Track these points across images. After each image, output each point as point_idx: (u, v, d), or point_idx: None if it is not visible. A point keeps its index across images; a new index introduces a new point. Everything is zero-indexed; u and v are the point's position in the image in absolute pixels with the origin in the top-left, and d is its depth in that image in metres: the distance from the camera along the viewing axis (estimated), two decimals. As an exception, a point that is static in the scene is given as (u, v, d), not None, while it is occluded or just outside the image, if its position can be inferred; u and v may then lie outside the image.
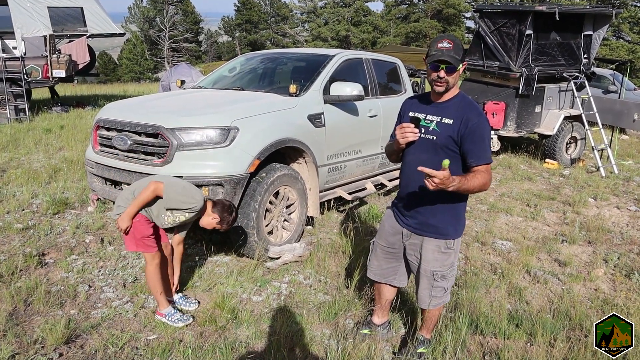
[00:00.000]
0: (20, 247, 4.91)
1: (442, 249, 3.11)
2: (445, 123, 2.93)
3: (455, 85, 2.99)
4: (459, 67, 2.85)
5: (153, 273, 3.61)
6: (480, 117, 2.91)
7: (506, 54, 9.60)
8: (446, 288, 3.23)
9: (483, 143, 2.88)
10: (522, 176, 9.23)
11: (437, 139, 2.94)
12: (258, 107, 4.76)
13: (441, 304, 3.31)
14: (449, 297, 3.34)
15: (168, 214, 3.53)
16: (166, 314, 3.67)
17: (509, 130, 9.95)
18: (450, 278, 3.23)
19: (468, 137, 2.86)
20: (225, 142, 4.32)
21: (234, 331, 3.58)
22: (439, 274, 3.15)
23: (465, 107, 2.94)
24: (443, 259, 3.13)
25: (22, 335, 3.40)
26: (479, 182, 2.83)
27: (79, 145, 9.69)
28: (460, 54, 2.85)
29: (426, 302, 3.26)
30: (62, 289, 4.09)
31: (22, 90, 12.66)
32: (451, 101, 2.98)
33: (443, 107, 2.98)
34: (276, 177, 4.62)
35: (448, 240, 3.10)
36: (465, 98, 3.02)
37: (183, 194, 3.48)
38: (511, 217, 6.89)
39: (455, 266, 3.24)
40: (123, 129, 4.57)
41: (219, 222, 3.66)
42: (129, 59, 52.77)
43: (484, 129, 2.89)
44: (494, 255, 5.44)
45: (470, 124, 2.86)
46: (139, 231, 3.53)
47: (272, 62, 6.46)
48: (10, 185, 6.92)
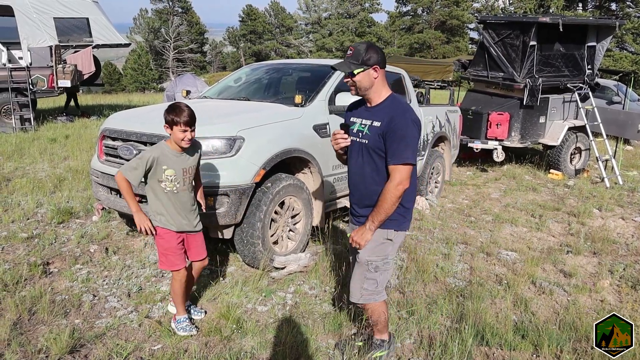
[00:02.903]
0: (25, 256, 4.91)
1: (381, 238, 3.08)
2: (375, 126, 3.01)
3: (384, 88, 3.06)
4: (356, 71, 2.96)
5: (178, 287, 3.63)
6: (403, 116, 2.92)
7: (510, 65, 9.63)
8: (378, 282, 3.18)
9: (402, 142, 2.88)
10: (527, 187, 9.22)
11: (368, 142, 3.03)
12: (264, 117, 4.78)
13: (373, 301, 3.23)
14: (383, 296, 3.27)
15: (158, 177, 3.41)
16: (177, 320, 3.68)
17: (514, 140, 9.95)
18: (384, 272, 3.18)
19: (388, 136, 2.91)
20: (231, 152, 4.33)
21: (239, 341, 3.56)
22: (373, 263, 3.13)
23: (393, 108, 2.98)
24: (379, 249, 3.11)
25: (26, 344, 3.40)
26: (388, 196, 2.90)
27: (84, 154, 9.72)
28: (359, 59, 2.96)
29: (357, 295, 3.21)
30: (67, 299, 4.09)
31: (27, 100, 12.72)
32: (382, 104, 3.05)
33: (375, 111, 3.06)
34: (281, 187, 4.62)
35: (389, 230, 3.08)
36: (395, 100, 3.06)
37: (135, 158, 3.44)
38: (516, 227, 6.87)
39: (390, 261, 3.19)
40: (129, 138, 4.59)
41: (177, 124, 3.32)
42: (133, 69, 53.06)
43: (405, 128, 2.89)
44: (499, 266, 5.42)
45: (392, 124, 2.91)
46: (161, 244, 3.53)
47: (277, 72, 6.48)
48: (15, 195, 6.94)
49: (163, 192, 3.44)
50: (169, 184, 3.42)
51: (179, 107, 3.36)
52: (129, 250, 5.23)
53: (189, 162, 3.51)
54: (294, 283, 4.58)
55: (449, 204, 8.00)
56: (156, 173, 3.39)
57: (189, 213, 3.57)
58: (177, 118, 3.31)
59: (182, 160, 3.47)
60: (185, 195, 3.52)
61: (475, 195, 8.69)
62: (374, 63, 2.97)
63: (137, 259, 4.97)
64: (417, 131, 2.96)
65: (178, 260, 3.56)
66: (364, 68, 2.97)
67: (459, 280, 4.95)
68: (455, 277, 4.99)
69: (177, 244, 3.55)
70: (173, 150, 3.42)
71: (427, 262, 5.06)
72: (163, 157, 3.37)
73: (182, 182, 3.48)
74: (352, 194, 3.30)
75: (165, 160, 3.38)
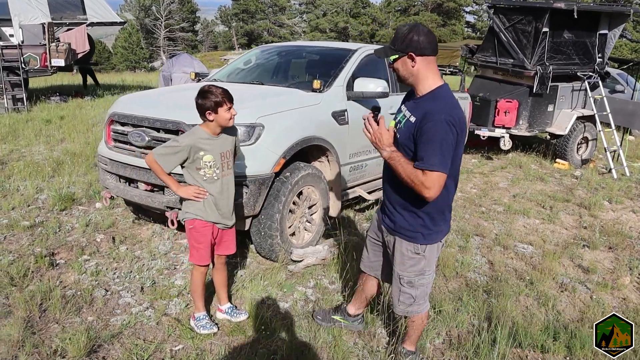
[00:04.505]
0: (29, 246, 4.69)
1: (410, 252, 2.88)
2: (410, 121, 2.68)
3: (429, 78, 2.67)
4: (393, 57, 2.69)
5: (200, 282, 3.47)
6: (437, 116, 2.53)
7: (521, 51, 9.41)
8: (415, 297, 2.97)
9: (428, 146, 2.52)
10: (534, 176, 9.09)
11: (400, 136, 2.73)
12: (282, 103, 4.56)
13: (412, 313, 3.05)
14: (423, 308, 3.06)
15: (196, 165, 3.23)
16: (197, 318, 3.51)
17: (521, 129, 9.78)
18: (420, 287, 2.96)
19: (417, 137, 2.58)
20: (250, 140, 4.11)
21: (264, 342, 3.38)
22: (405, 279, 2.94)
23: (429, 106, 2.61)
24: (410, 263, 2.90)
25: (41, 345, 3.19)
26: (408, 176, 2.57)
27: (80, 137, 9.44)
28: (396, 43, 2.66)
29: (397, 306, 3.07)
30: (78, 294, 3.87)
31: (19, 80, 12.36)
32: (423, 97, 2.69)
33: (417, 104, 2.71)
34: (300, 177, 4.42)
35: (416, 245, 2.85)
36: (436, 95, 2.66)
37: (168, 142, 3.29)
38: (528, 219, 6.75)
39: (426, 275, 2.95)
40: (140, 124, 4.35)
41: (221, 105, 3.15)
42: (124, 48, 52.16)
43: (434, 132, 2.51)
44: (517, 260, 5.30)
45: (422, 124, 2.56)
46: (195, 238, 3.35)
47: (290, 55, 6.23)
48: (12, 179, 6.68)
49: (202, 180, 3.26)
50: (208, 170, 3.23)
51: (216, 88, 3.19)
52: (136, 239, 5.02)
53: (225, 145, 3.32)
54: (313, 277, 4.40)
55: (458, 192, 7.85)
56: (194, 160, 3.20)
57: (229, 203, 3.40)
58: (220, 99, 3.13)
59: (219, 144, 3.28)
60: (226, 182, 3.35)
61: (483, 184, 8.54)
62: (412, 49, 2.61)
63: (146, 249, 4.77)
64: (454, 134, 2.54)
65: (208, 255, 3.40)
66: (399, 54, 2.65)
67: (479, 275, 4.80)
68: (475, 272, 4.85)
69: (212, 237, 3.38)
70: (209, 135, 3.22)
71: (446, 256, 4.91)
72: (200, 143, 3.18)
73: (221, 167, 3.29)
74: (383, 184, 3.07)
75: (202, 146, 3.19)
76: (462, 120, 2.60)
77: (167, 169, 3.20)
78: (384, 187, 3.02)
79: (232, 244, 3.58)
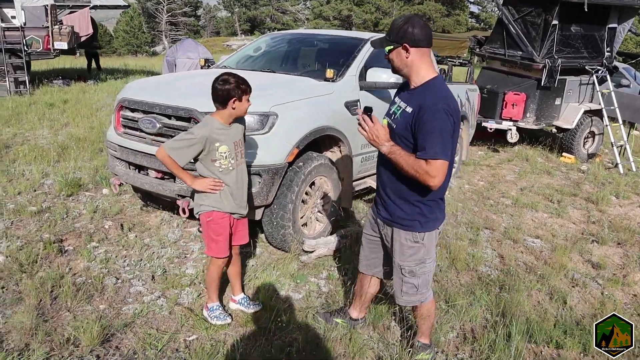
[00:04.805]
0: (37, 232, 4.64)
1: (408, 242, 2.88)
2: (406, 112, 2.71)
3: (423, 69, 2.71)
4: (388, 47, 2.73)
5: (217, 274, 3.40)
6: (434, 106, 2.56)
7: (530, 44, 9.32)
8: (417, 286, 2.98)
9: (429, 136, 2.55)
10: (541, 170, 9.05)
11: (396, 127, 2.76)
12: (296, 92, 4.49)
13: (416, 303, 3.06)
14: (426, 297, 3.06)
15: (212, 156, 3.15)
16: (210, 308, 3.46)
17: (528, 122, 9.72)
18: (421, 275, 2.97)
19: (417, 127, 2.60)
20: (264, 129, 4.05)
21: (279, 334, 3.34)
22: (407, 268, 2.94)
23: (425, 95, 2.65)
24: (410, 253, 2.91)
25: (53, 333, 3.15)
26: (412, 167, 2.58)
27: (85, 121, 9.38)
28: (391, 34, 2.71)
29: (399, 297, 3.07)
30: (89, 282, 3.83)
31: (22, 62, 12.24)
32: (418, 88, 2.73)
33: (412, 94, 2.75)
34: (313, 167, 4.36)
35: (414, 233, 2.85)
36: (431, 86, 2.70)
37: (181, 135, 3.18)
38: (536, 212, 6.72)
39: (427, 263, 2.96)
40: (151, 110, 4.27)
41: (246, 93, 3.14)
42: (125, 32, 51.84)
43: (434, 121, 2.55)
44: (527, 254, 5.27)
45: (420, 114, 2.59)
46: (214, 230, 3.27)
47: (301, 43, 6.14)
48: (17, 163, 6.62)
49: (218, 172, 3.18)
50: (223, 161, 3.16)
51: (239, 76, 3.13)
52: (145, 227, 4.97)
53: (237, 134, 3.26)
54: (325, 268, 4.36)
55: (466, 184, 7.81)
56: (210, 152, 3.13)
57: (244, 193, 3.34)
58: (245, 87, 3.10)
59: (232, 133, 3.21)
60: (241, 171, 3.29)
61: (490, 177, 8.50)
62: (406, 41, 2.65)
63: (155, 237, 4.72)
64: (451, 123, 2.57)
65: (227, 247, 3.34)
66: (394, 45, 2.70)
67: (491, 269, 4.77)
68: (486, 266, 4.81)
69: (230, 228, 3.32)
70: (223, 125, 3.15)
71: (457, 249, 4.87)
72: (215, 134, 3.11)
73: (235, 157, 3.22)
74: (377, 176, 3.04)
75: (217, 137, 3.11)
76: (457, 110, 2.66)
77: (181, 163, 3.10)
78: (378, 180, 3.01)
79: (246, 234, 3.54)
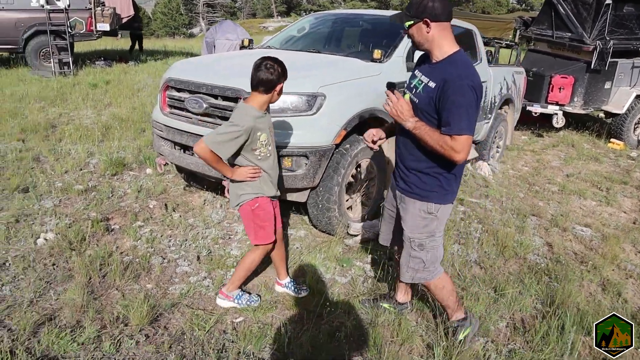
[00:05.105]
0: (84, 210, 4.69)
1: (422, 212, 2.84)
2: (429, 87, 2.67)
3: (446, 44, 2.67)
4: (408, 23, 2.66)
5: (257, 261, 3.33)
6: (459, 81, 2.53)
7: (580, 25, 8.99)
8: (425, 261, 2.93)
9: (455, 111, 2.52)
10: (588, 156, 8.77)
11: (418, 102, 2.73)
12: (343, 72, 4.38)
13: (422, 280, 3.01)
14: (434, 275, 3.00)
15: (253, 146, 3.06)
16: (234, 297, 3.34)
17: (576, 106, 9.41)
18: (430, 250, 2.92)
19: (441, 102, 2.57)
20: (312, 110, 3.97)
21: (327, 318, 3.29)
22: (417, 241, 2.90)
23: (449, 70, 2.60)
24: (422, 224, 2.87)
25: (103, 311, 3.17)
26: (437, 142, 2.57)
27: (126, 101, 9.47)
28: (411, 9, 2.65)
29: (404, 274, 3.02)
30: (136, 261, 3.84)
31: (66, 44, 12.40)
32: (441, 63, 2.68)
33: (434, 69, 2.71)
34: (360, 150, 4.27)
35: (429, 204, 2.81)
36: (454, 60, 2.65)
37: (224, 128, 3.00)
38: (584, 200, 6.51)
39: (437, 237, 2.91)
40: (198, 90, 4.24)
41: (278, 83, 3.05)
42: (163, 14, 52.32)
43: (460, 96, 2.52)
44: (576, 243, 5.10)
45: (445, 89, 2.55)
46: (260, 217, 3.19)
47: (346, 23, 6.01)
48: (63, 142, 6.72)
49: (257, 160, 3.10)
50: (263, 149, 3.09)
51: (282, 62, 3.06)
52: (188, 207, 4.98)
53: (270, 120, 3.20)
54: (370, 252, 4.29)
55: (510, 170, 7.62)
56: (252, 142, 3.04)
57: (277, 175, 3.29)
58: (286, 75, 3.04)
59: (267, 120, 3.15)
60: (274, 156, 3.22)
61: (535, 162, 8.28)
62: (427, 15, 2.59)
63: (199, 217, 4.71)
64: (476, 98, 2.55)
65: (273, 231, 3.27)
66: (414, 20, 2.63)
67: (539, 257, 4.63)
68: (534, 254, 4.67)
69: (272, 212, 3.25)
70: (260, 112, 3.06)
71: (505, 236, 4.73)
72: (257, 123, 3.01)
73: (271, 143, 3.17)
74: (396, 147, 2.99)
75: (259, 126, 3.03)
76: (481, 85, 2.62)
77: (225, 157, 2.99)
78: (398, 153, 2.97)
79: (279, 215, 3.45)
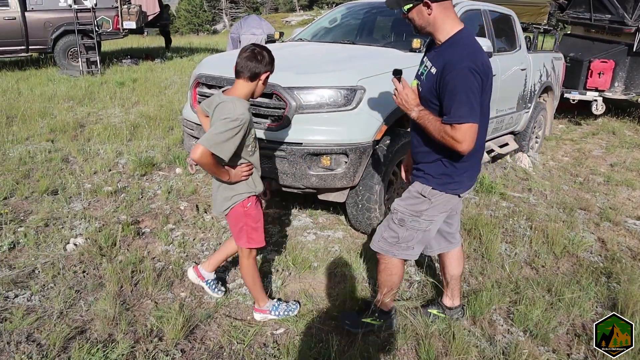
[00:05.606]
0: (114, 212, 4.54)
1: (414, 191, 2.72)
2: (431, 72, 2.50)
3: (448, 24, 2.48)
4: (407, 6, 2.48)
5: (254, 267, 3.05)
6: (459, 64, 2.35)
7: (621, 6, 8.57)
8: (400, 237, 2.76)
9: (454, 98, 2.36)
10: (631, 144, 8.38)
11: (422, 89, 2.59)
12: (382, 64, 4.13)
13: (387, 253, 2.83)
14: (401, 254, 2.82)
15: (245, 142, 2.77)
16: (270, 309, 3.10)
17: (616, 91, 9.00)
18: (410, 229, 2.74)
19: (441, 88, 2.42)
20: (351, 105, 3.74)
21: (377, 331, 3.04)
22: (399, 214, 2.75)
23: (450, 52, 2.43)
24: (410, 201, 2.73)
25: (136, 323, 2.99)
26: (438, 132, 2.44)
27: (153, 99, 9.36)
28: None
29: (375, 242, 2.89)
30: (168, 267, 3.66)
31: (93, 42, 12.36)
32: (444, 45, 2.50)
33: (437, 53, 2.54)
34: (401, 145, 4.02)
35: (424, 186, 2.67)
36: (456, 41, 2.46)
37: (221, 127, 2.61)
38: (633, 191, 6.18)
39: (421, 220, 2.73)
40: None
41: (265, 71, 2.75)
42: (187, 11, 52.42)
43: (458, 81, 2.35)
44: (630, 238, 4.78)
45: (444, 74, 2.39)
46: (253, 218, 2.91)
47: (379, 13, 5.75)
48: (92, 142, 6.61)
49: (249, 156, 2.84)
50: (252, 142, 2.83)
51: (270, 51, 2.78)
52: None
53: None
54: (413, 255, 4.05)
55: (550, 161, 7.29)
56: (247, 136, 2.76)
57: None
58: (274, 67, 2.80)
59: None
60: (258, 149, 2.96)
61: (575, 152, 7.93)
62: None
63: (232, 219, 4.53)
64: (478, 81, 2.36)
65: (263, 235, 3.00)
66: (413, 3, 2.45)
67: (592, 254, 4.33)
68: (587, 251, 4.37)
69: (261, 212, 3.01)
70: (247, 102, 2.78)
71: (553, 233, 4.45)
72: (250, 117, 2.75)
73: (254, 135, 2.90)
74: (411, 139, 2.84)
75: (250, 120, 2.76)
76: (485, 64, 2.43)
77: (227, 158, 2.65)
78: (412, 141, 2.83)
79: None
